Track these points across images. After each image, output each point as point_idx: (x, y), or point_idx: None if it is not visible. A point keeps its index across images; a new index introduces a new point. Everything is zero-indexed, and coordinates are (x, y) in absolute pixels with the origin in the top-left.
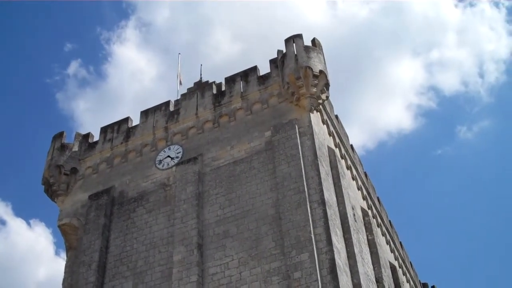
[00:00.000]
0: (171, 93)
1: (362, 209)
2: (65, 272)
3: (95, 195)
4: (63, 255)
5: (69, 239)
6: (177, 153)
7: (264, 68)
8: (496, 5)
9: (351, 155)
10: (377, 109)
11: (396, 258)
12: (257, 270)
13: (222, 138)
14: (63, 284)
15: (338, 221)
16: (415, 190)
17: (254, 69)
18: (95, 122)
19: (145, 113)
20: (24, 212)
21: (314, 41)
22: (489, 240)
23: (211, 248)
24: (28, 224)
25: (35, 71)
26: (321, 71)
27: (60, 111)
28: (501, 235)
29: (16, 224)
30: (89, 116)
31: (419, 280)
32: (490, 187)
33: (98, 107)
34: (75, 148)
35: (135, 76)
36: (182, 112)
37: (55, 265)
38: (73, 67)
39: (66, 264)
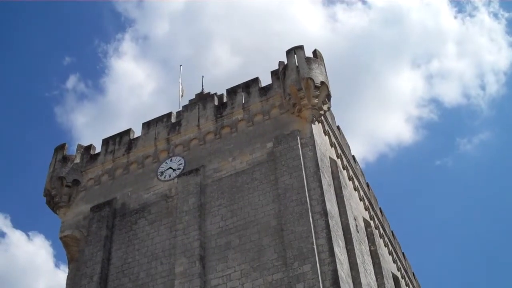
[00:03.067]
0: (170, 107)
1: (364, 220)
2: (66, 284)
3: (97, 207)
4: (63, 267)
5: (70, 251)
6: (179, 164)
7: (265, 80)
8: (496, 16)
9: (353, 165)
10: (377, 121)
11: (398, 269)
12: (259, 282)
13: (224, 150)
14: None
15: (340, 232)
16: (416, 201)
17: (256, 80)
18: (94, 136)
19: (147, 125)
20: (23, 224)
21: (315, 52)
22: (490, 250)
23: (213, 260)
24: (28, 236)
25: (34, 84)
26: (322, 82)
27: (59, 125)
28: (502, 246)
29: (16, 236)
30: (88, 130)
31: None
32: (490, 198)
33: (97, 121)
34: (77, 160)
35: (134, 90)
36: (184, 124)
37: (55, 277)
38: (72, 81)
39: (67, 276)
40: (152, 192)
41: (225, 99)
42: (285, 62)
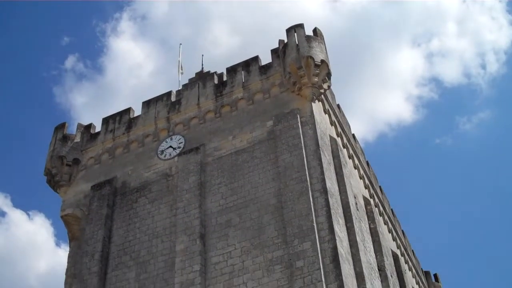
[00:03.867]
0: (169, 88)
1: (364, 198)
2: (68, 262)
3: (98, 186)
4: (64, 246)
5: (71, 229)
6: (179, 143)
7: (266, 59)
8: None
9: (353, 144)
10: (376, 101)
11: (398, 247)
12: (259, 259)
13: (224, 128)
14: (66, 273)
15: (340, 210)
16: (416, 180)
17: (256, 59)
18: (93, 116)
19: (146, 104)
20: (24, 204)
21: (315, 30)
22: (490, 227)
23: (214, 238)
24: (28, 215)
25: (32, 64)
26: (322, 61)
27: (58, 105)
28: (501, 223)
29: (16, 216)
30: (87, 110)
31: (421, 268)
32: (489, 177)
33: (96, 101)
34: (77, 139)
35: (133, 70)
36: (184, 103)
37: (55, 256)
38: (71, 61)
39: (69, 255)
40: (152, 170)
41: (225, 78)
42: (285, 41)
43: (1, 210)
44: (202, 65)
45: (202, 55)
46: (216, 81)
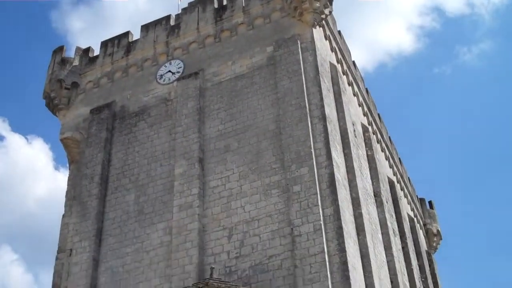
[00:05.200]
0: (168, 12)
1: (363, 125)
2: (68, 185)
3: (97, 109)
4: (63, 170)
5: (71, 152)
6: (178, 68)
7: None
8: None
9: (353, 71)
10: (377, 30)
11: (394, 174)
12: (257, 184)
13: (223, 53)
14: (66, 196)
15: (338, 137)
16: (414, 109)
17: None
18: (90, 42)
19: (145, 28)
20: (22, 128)
21: None
22: (486, 156)
23: (212, 162)
24: (26, 139)
25: None
26: None
27: (55, 30)
28: (498, 152)
29: (15, 140)
30: (84, 35)
31: (417, 196)
32: (487, 106)
33: (93, 26)
34: (76, 63)
35: None
36: (183, 27)
37: (55, 180)
38: None
39: (68, 178)
40: (151, 95)
41: (225, 2)
42: None
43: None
44: None
45: None
46: (216, 5)
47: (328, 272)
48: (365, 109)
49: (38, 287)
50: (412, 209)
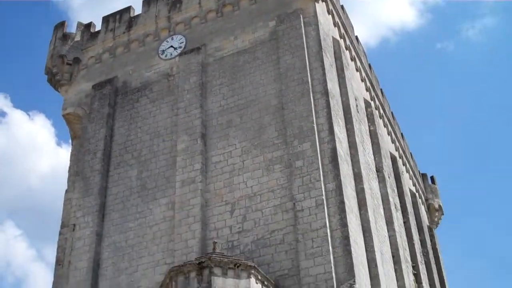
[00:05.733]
0: None
1: (365, 100)
2: (70, 161)
3: (99, 85)
4: (65, 146)
5: (73, 128)
6: (180, 43)
7: None
8: None
9: (356, 46)
10: (380, 4)
11: (396, 149)
12: (259, 159)
13: (225, 28)
14: (69, 171)
15: (340, 112)
16: (416, 85)
17: None
18: (91, 18)
19: (147, 2)
20: (24, 104)
21: None
22: (488, 132)
23: (215, 137)
24: (28, 115)
25: None
26: None
27: (55, 6)
28: (500, 128)
29: (16, 116)
30: (85, 11)
31: (419, 171)
32: (489, 81)
33: (94, 1)
34: (77, 38)
35: None
36: (185, 1)
37: (57, 156)
38: None
39: (71, 153)
40: (153, 70)
41: None
42: None
43: (1, 110)
44: None
45: None
46: None
47: (330, 247)
48: (368, 84)
49: (42, 262)
50: (414, 184)
